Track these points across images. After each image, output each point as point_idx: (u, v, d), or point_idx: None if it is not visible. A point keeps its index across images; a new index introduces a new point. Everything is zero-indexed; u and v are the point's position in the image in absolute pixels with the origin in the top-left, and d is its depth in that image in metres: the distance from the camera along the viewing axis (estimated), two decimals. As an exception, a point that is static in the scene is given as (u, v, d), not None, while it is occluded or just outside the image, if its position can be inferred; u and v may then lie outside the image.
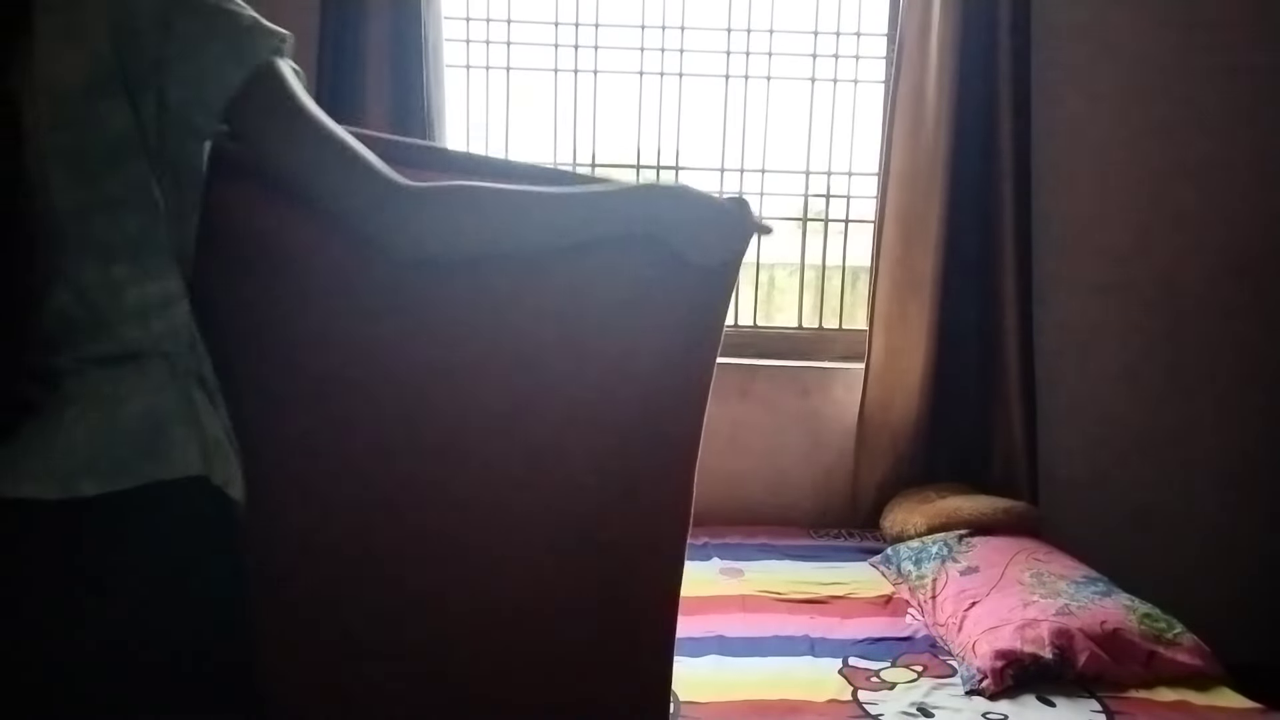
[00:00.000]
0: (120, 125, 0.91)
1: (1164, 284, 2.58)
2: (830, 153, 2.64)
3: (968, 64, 2.36)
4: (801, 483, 2.58)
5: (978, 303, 2.47)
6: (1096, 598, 1.81)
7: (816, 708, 1.59)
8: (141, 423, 0.98)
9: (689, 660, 1.72)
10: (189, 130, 0.95)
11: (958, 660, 1.75)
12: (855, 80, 2.62)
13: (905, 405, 2.48)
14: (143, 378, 0.98)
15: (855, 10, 2.59)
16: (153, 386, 0.98)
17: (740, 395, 2.55)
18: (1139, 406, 2.61)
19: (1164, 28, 2.50)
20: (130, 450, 0.97)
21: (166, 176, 0.96)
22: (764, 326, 2.72)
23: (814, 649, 1.80)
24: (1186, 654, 1.71)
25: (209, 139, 0.98)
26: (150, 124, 0.93)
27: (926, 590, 2.00)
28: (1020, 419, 2.44)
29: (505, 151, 2.59)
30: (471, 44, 2.56)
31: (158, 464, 0.97)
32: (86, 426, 0.96)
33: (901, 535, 2.29)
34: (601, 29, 2.55)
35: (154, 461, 0.97)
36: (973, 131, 2.39)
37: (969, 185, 2.41)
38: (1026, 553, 2.04)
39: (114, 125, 0.91)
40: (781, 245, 3.01)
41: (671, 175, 2.65)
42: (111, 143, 0.91)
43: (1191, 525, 2.64)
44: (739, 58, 2.58)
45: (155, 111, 0.92)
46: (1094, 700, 1.62)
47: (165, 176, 0.96)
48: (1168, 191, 2.56)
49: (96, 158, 0.91)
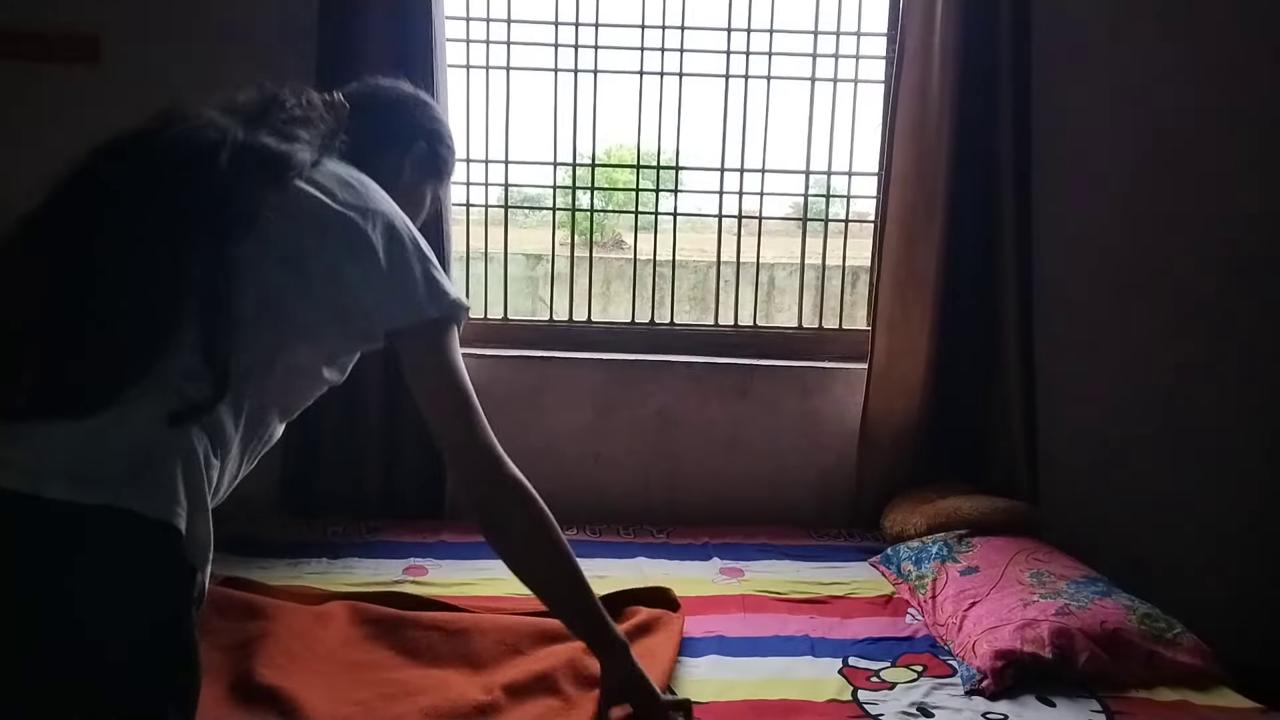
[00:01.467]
0: (305, 249, 1.15)
1: (1164, 284, 2.59)
2: (830, 153, 2.64)
3: (968, 63, 2.36)
4: (801, 483, 2.58)
5: (979, 302, 2.46)
6: (1096, 598, 1.81)
7: (816, 708, 1.59)
8: (136, 450, 1.00)
9: (689, 660, 1.73)
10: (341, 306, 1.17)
11: (958, 660, 1.75)
12: (855, 80, 2.62)
13: (906, 405, 2.48)
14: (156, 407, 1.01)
15: (855, 10, 2.59)
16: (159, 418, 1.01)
17: (740, 395, 2.55)
18: (1139, 406, 2.62)
19: (1164, 27, 2.50)
20: (112, 470, 0.98)
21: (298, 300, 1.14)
22: (764, 326, 2.72)
23: (814, 649, 1.80)
24: (1186, 654, 1.71)
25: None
26: (328, 274, 1.15)
27: (926, 590, 2.00)
28: (1020, 419, 2.44)
29: (505, 151, 2.60)
30: (471, 44, 2.56)
31: (133, 494, 0.98)
32: (72, 431, 0.97)
33: (901, 535, 2.29)
34: (601, 29, 2.55)
35: (131, 490, 0.98)
36: (974, 131, 2.39)
37: (970, 185, 2.41)
38: (1026, 553, 2.04)
39: (304, 248, 1.14)
40: (781, 245, 3.02)
41: (671, 175, 2.65)
42: (297, 252, 1.14)
43: (1192, 525, 2.65)
44: (739, 57, 2.58)
45: (333, 272, 1.15)
46: (1094, 700, 1.61)
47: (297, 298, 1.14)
48: (1168, 191, 2.56)
49: (281, 254, 1.13)
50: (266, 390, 1.15)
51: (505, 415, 2.52)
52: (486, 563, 2.14)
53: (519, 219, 3.32)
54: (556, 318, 2.68)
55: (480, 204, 2.65)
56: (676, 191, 2.67)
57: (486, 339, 2.60)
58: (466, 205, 2.63)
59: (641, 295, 2.70)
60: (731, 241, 2.73)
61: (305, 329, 1.16)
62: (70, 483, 0.96)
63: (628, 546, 2.28)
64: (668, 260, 2.77)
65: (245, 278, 1.08)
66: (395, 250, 1.19)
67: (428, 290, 1.21)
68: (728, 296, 2.74)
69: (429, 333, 1.23)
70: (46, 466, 0.97)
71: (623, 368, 2.55)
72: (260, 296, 1.10)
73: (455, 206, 2.61)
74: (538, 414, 2.54)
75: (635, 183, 2.72)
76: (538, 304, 3.43)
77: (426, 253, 1.24)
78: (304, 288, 1.13)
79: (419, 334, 1.23)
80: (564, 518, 2.38)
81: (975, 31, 2.35)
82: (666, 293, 2.85)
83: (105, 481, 0.97)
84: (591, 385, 2.55)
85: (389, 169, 1.35)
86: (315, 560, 2.09)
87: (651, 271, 2.75)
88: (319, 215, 1.15)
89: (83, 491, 0.96)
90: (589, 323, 2.68)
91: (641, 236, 2.87)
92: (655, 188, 2.73)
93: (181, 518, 1.00)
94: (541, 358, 2.55)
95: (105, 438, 0.99)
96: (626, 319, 2.69)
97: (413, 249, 1.22)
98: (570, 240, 2.94)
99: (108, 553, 0.97)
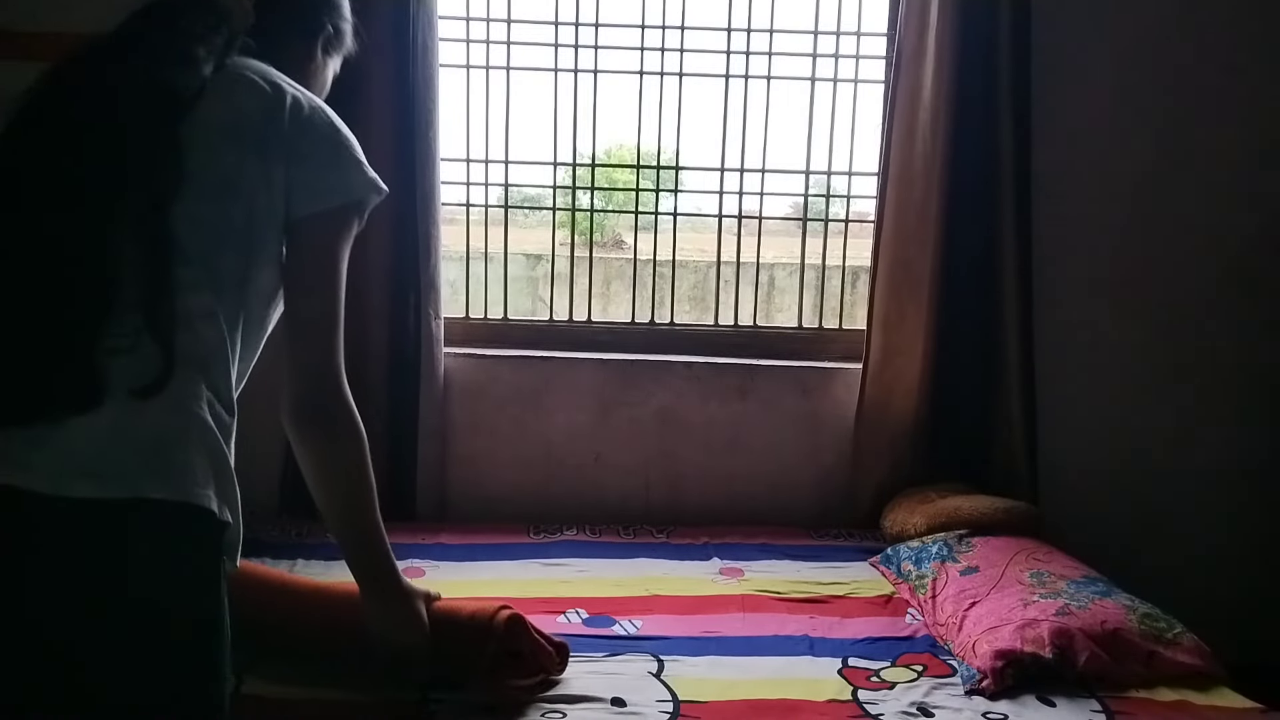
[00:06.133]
0: (234, 168, 1.10)
1: (1164, 283, 2.58)
2: (830, 153, 2.64)
3: (967, 63, 2.36)
4: (801, 483, 2.58)
5: (978, 302, 2.46)
6: (1096, 598, 1.81)
7: (816, 707, 1.59)
8: (150, 438, 1.02)
9: (689, 660, 1.73)
10: (277, 213, 1.14)
11: (958, 660, 1.75)
12: (855, 80, 2.62)
13: (904, 405, 2.48)
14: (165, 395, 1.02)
15: (855, 10, 2.59)
16: (170, 405, 1.03)
17: (740, 395, 2.55)
18: (1139, 406, 2.62)
19: (1164, 27, 2.50)
20: (134, 463, 1.00)
21: (242, 222, 1.11)
22: (764, 326, 2.72)
23: (814, 649, 1.80)
24: (1186, 654, 1.71)
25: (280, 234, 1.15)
26: (254, 179, 1.11)
27: (926, 590, 2.00)
28: (1020, 419, 2.44)
29: (505, 151, 2.60)
30: (471, 44, 2.56)
31: (158, 482, 1.00)
32: (92, 430, 0.98)
33: (901, 535, 2.29)
34: (601, 29, 2.55)
35: (154, 479, 1.00)
36: (972, 131, 2.39)
37: (969, 184, 2.41)
38: (1026, 553, 2.04)
39: (231, 166, 1.10)
40: (781, 245, 3.02)
41: (671, 175, 2.65)
42: (228, 178, 1.10)
43: (1192, 525, 2.64)
44: (739, 57, 2.58)
45: (262, 176, 1.11)
46: (1094, 700, 1.61)
47: (241, 221, 1.11)
48: (1168, 191, 2.56)
49: (210, 184, 1.09)
50: (249, 323, 1.15)
51: (505, 415, 2.54)
52: (487, 563, 2.15)
53: (519, 219, 3.33)
54: (556, 318, 2.68)
55: (480, 204, 2.65)
56: (676, 191, 2.67)
57: (486, 339, 2.60)
58: (466, 205, 2.63)
59: (641, 295, 2.70)
60: (731, 241, 2.73)
61: (261, 247, 1.14)
62: (93, 480, 0.98)
63: (628, 546, 2.28)
64: (668, 260, 2.77)
65: (187, 225, 1.06)
66: (314, 137, 1.16)
67: (343, 172, 1.17)
68: (728, 296, 2.74)
69: (331, 221, 1.18)
70: (69, 467, 0.98)
71: (623, 368, 2.55)
72: (210, 235, 1.09)
73: (455, 206, 2.61)
74: (538, 414, 2.54)
75: (635, 183, 2.72)
76: (538, 304, 3.43)
77: (344, 136, 1.19)
78: (246, 209, 1.11)
79: (321, 221, 1.17)
80: (564, 518, 2.43)
81: (974, 31, 2.35)
82: (666, 293, 2.85)
83: (125, 474, 0.99)
84: (591, 385, 2.55)
85: (301, 56, 1.32)
86: (315, 561, 2.09)
87: (651, 271, 2.75)
88: (234, 128, 1.11)
89: (110, 487, 0.98)
90: (589, 323, 2.68)
91: (641, 236, 2.87)
92: (655, 188, 2.73)
93: (207, 497, 1.03)
94: (541, 358, 2.55)
95: (117, 429, 1.00)
96: (626, 319, 2.69)
97: (330, 133, 1.18)
98: (570, 240, 2.94)
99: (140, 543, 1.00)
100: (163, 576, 1.01)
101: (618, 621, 1.88)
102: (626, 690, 1.60)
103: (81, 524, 0.97)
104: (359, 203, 1.20)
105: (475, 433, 2.53)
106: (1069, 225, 2.53)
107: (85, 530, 0.98)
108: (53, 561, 0.98)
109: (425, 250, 2.37)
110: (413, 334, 2.40)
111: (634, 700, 1.57)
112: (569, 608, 1.93)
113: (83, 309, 1.01)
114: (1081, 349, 2.58)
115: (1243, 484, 2.65)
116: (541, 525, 2.38)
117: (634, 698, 1.58)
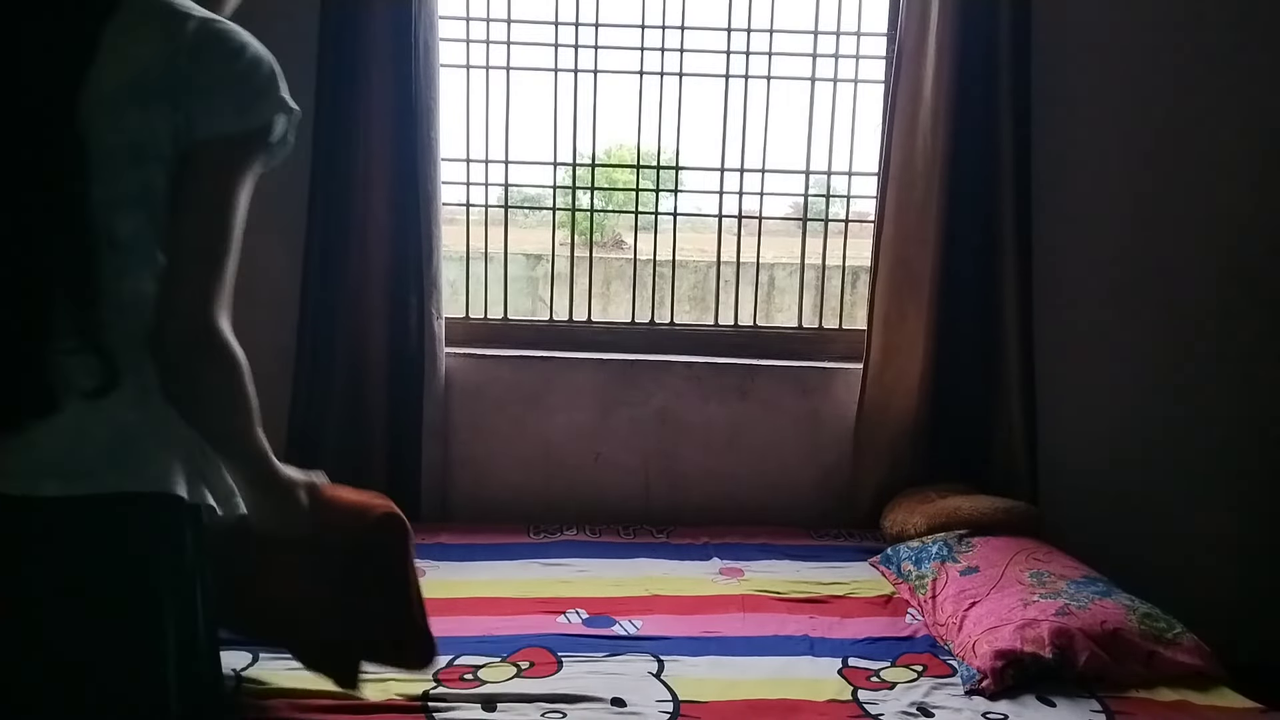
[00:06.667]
0: (144, 131, 1.01)
1: (1164, 284, 2.58)
2: (830, 153, 2.64)
3: (967, 63, 2.36)
4: (801, 483, 2.58)
5: (978, 302, 2.46)
6: (1096, 598, 1.81)
7: (816, 707, 1.59)
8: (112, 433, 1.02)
9: (689, 660, 1.73)
10: (179, 156, 1.04)
11: (958, 660, 1.75)
12: (855, 80, 2.62)
13: (904, 405, 2.48)
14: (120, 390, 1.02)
15: (855, 10, 2.59)
16: (128, 398, 1.03)
17: (740, 395, 2.55)
18: (1139, 406, 2.61)
19: (1164, 27, 2.50)
20: (100, 460, 1.01)
21: (165, 187, 1.03)
22: (764, 326, 2.72)
23: (813, 649, 1.80)
24: (1186, 654, 1.71)
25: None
26: (165, 137, 1.02)
27: (926, 590, 2.00)
28: (1020, 419, 2.44)
29: (505, 151, 2.60)
30: (471, 44, 2.56)
31: (124, 476, 1.02)
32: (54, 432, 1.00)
33: (901, 535, 2.29)
34: (601, 29, 2.55)
35: (120, 474, 1.02)
36: (972, 130, 2.39)
37: (969, 184, 2.41)
38: (1026, 553, 2.04)
39: (140, 130, 1.01)
40: (781, 245, 3.02)
41: (671, 175, 2.65)
42: (138, 143, 1.01)
43: (1192, 525, 2.64)
44: (739, 57, 2.58)
45: (171, 129, 1.02)
46: (1094, 700, 1.62)
47: (165, 187, 1.03)
48: (1168, 191, 2.56)
49: (123, 157, 1.01)
50: None
51: (505, 415, 2.54)
52: (487, 563, 2.15)
53: (519, 219, 3.33)
54: (556, 318, 2.68)
55: (480, 204, 2.65)
56: (676, 191, 2.67)
57: (486, 339, 2.60)
58: (466, 205, 2.63)
59: (641, 295, 2.70)
60: (731, 241, 2.73)
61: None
62: (60, 480, 0.99)
63: (628, 546, 2.29)
64: (668, 260, 2.77)
65: (107, 207, 1.01)
66: (215, 68, 1.04)
67: (245, 96, 1.06)
68: (728, 296, 2.74)
69: (229, 146, 1.05)
70: (37, 468, 0.99)
71: (623, 368, 2.55)
72: (135, 211, 1.03)
73: (456, 206, 2.61)
74: (538, 414, 2.54)
75: (635, 183, 2.72)
76: (538, 304, 3.43)
77: (248, 60, 1.07)
78: (165, 170, 1.04)
79: (219, 146, 1.05)
80: (564, 518, 2.43)
81: (974, 31, 2.35)
82: (666, 293, 2.85)
83: (92, 472, 1.00)
84: (591, 385, 2.55)
85: None
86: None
87: (651, 271, 2.75)
88: (135, 85, 1.02)
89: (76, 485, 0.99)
90: (589, 323, 2.68)
91: (641, 236, 2.87)
92: (655, 188, 2.73)
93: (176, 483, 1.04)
94: (541, 358, 2.56)
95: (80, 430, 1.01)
96: (626, 319, 2.69)
97: (229, 59, 1.06)
98: (570, 240, 2.94)
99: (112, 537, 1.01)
100: (136, 567, 1.03)
101: (618, 621, 1.88)
102: (626, 690, 1.60)
103: (56, 522, 0.99)
104: (261, 128, 1.07)
105: (475, 433, 2.53)
106: (1069, 225, 2.53)
107: (59, 528, 1.00)
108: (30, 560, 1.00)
109: (426, 250, 2.37)
110: (414, 334, 2.40)
111: (634, 700, 1.57)
112: (569, 608, 1.93)
113: (24, 314, 1.00)
114: (1081, 349, 2.58)
115: (1243, 484, 2.65)
116: (541, 525, 2.39)
117: (634, 698, 1.58)
